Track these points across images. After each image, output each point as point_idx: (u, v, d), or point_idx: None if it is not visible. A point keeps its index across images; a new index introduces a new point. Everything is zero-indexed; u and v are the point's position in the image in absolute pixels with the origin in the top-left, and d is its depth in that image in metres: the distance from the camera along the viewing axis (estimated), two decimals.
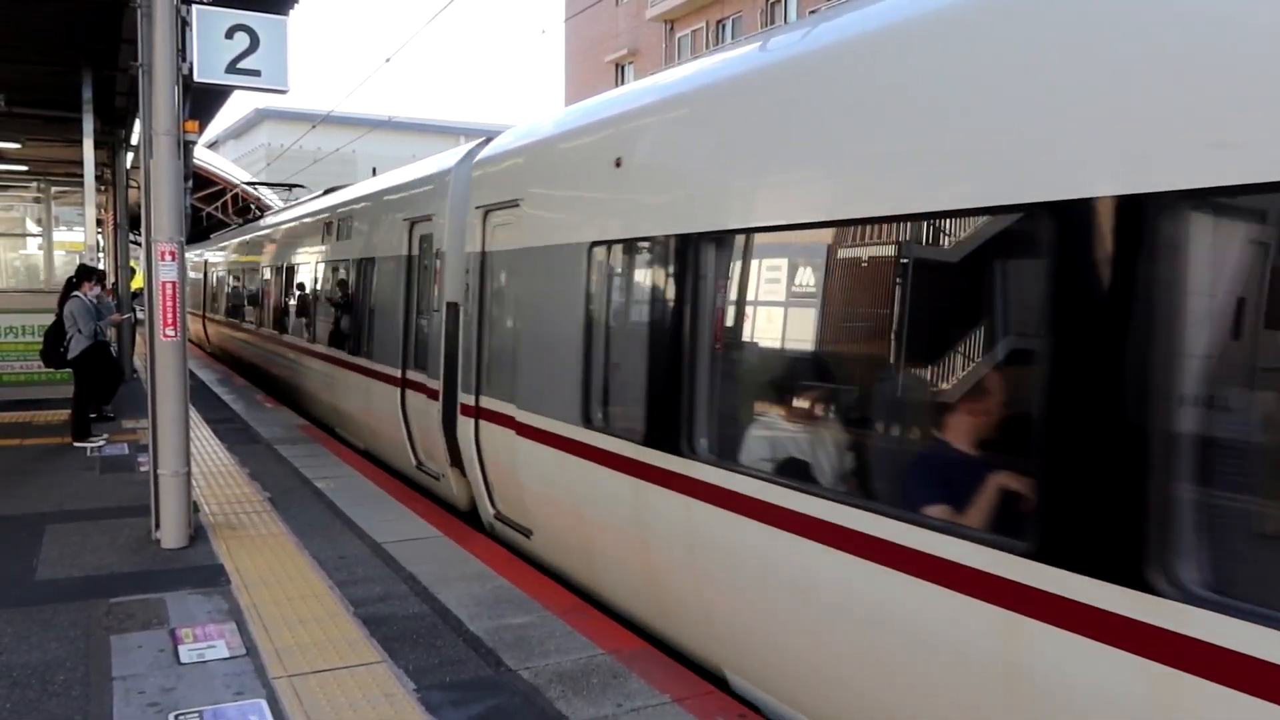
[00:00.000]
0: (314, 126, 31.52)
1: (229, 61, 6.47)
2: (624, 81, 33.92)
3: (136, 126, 12.63)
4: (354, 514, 7.40)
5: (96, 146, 13.46)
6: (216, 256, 22.67)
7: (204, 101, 12.25)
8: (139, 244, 16.14)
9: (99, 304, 11.16)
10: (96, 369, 10.74)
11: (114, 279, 15.70)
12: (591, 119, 5.98)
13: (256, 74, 6.54)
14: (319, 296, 12.38)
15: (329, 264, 11.98)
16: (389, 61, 32.06)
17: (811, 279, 4.29)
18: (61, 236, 26.85)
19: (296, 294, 13.65)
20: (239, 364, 18.39)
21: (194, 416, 10.46)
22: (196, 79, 6.45)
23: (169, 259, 6.34)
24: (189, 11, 6.40)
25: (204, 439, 10.46)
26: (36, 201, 23.34)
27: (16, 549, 6.40)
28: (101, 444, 9.72)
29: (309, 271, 13.07)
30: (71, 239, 27.60)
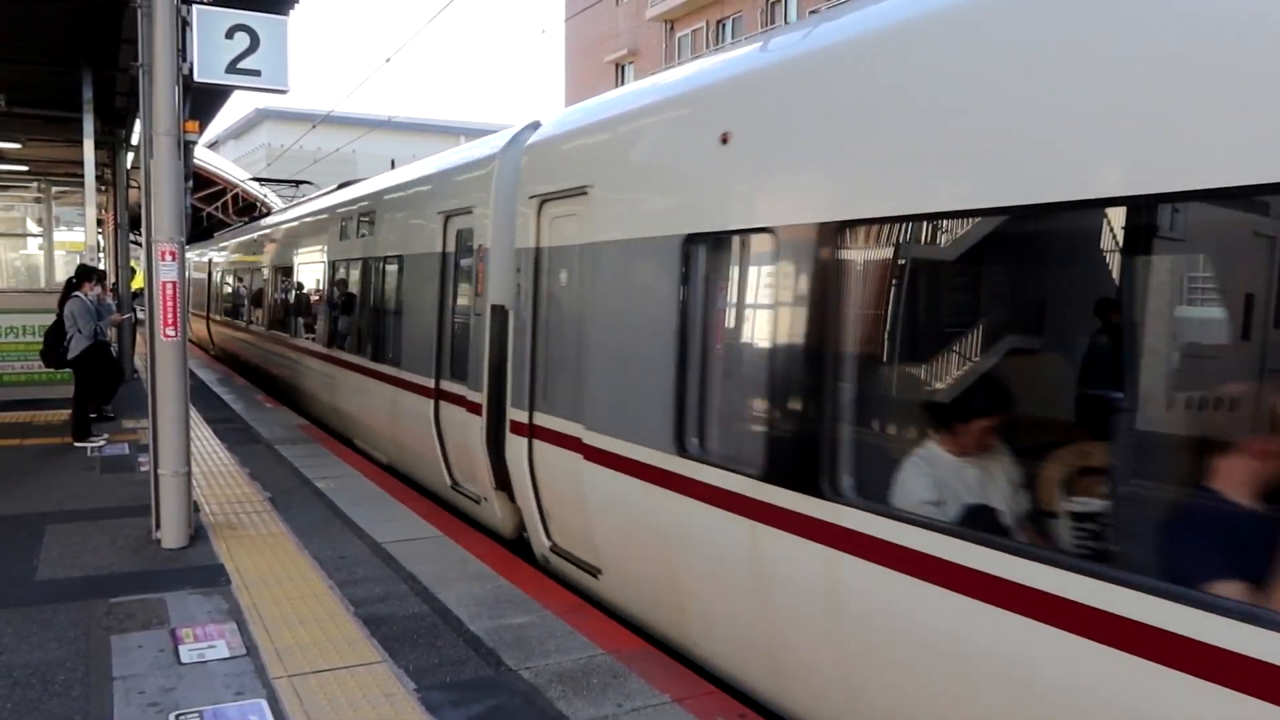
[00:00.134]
0: (314, 126, 31.51)
1: (229, 61, 6.48)
2: (624, 81, 33.93)
3: (137, 126, 12.64)
4: (354, 514, 7.41)
5: (97, 146, 13.45)
6: (223, 256, 21.72)
7: (204, 101, 12.24)
8: (139, 244, 16.13)
9: (99, 305, 11.16)
10: (97, 369, 10.74)
11: (114, 279, 15.71)
12: (687, 88, 5.11)
13: (256, 74, 6.54)
14: (335, 298, 11.55)
15: (346, 263, 11.14)
16: (389, 61, 32.08)
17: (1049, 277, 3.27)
18: (62, 236, 26.87)
19: (309, 295, 12.99)
20: (247, 368, 17.79)
21: (194, 416, 10.45)
22: (197, 79, 6.46)
23: (169, 259, 6.34)
24: (189, 11, 6.41)
25: (204, 439, 10.46)
26: (37, 201, 23.35)
27: (17, 549, 6.40)
28: (102, 444, 9.73)
29: (324, 272, 12.24)
30: (72, 239, 27.64)
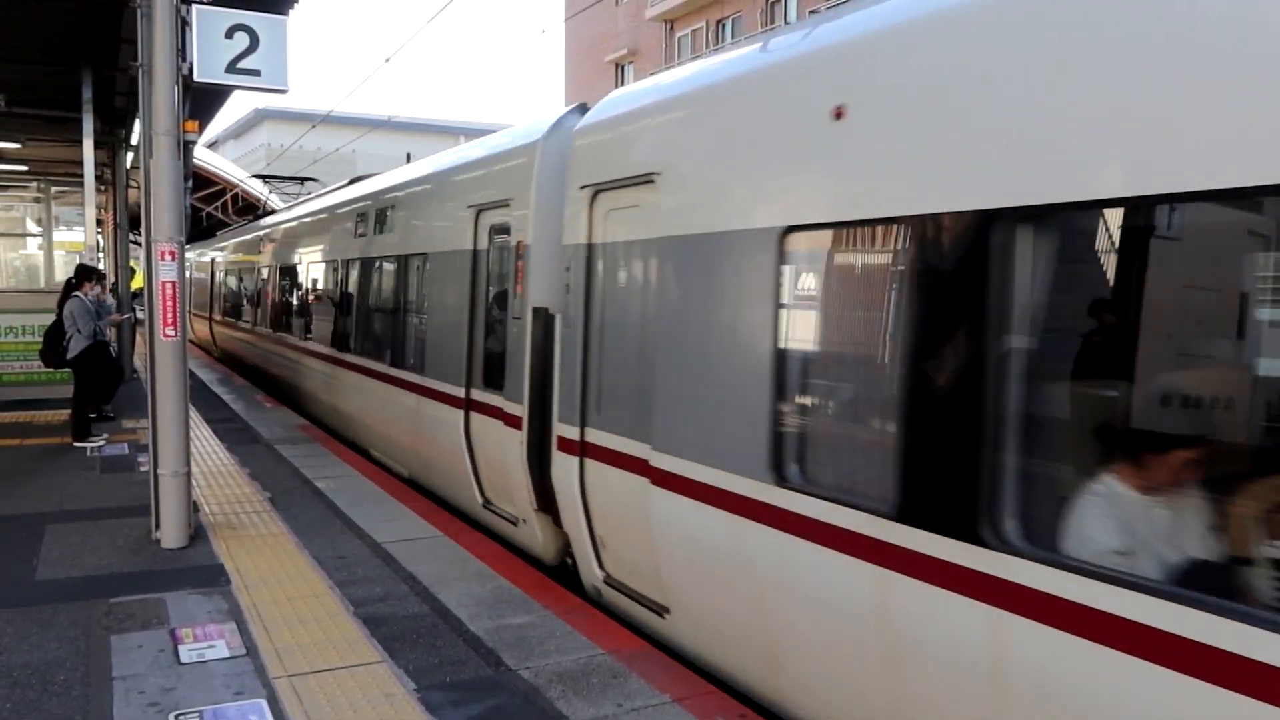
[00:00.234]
0: (314, 126, 31.48)
1: (229, 61, 6.48)
2: (624, 82, 33.90)
3: (136, 126, 12.62)
4: (354, 514, 7.41)
5: (96, 146, 13.46)
6: (227, 255, 20.95)
7: (204, 101, 12.25)
8: (139, 244, 16.12)
9: (99, 305, 11.16)
10: (96, 369, 10.74)
11: (114, 279, 15.71)
12: (786, 55, 4.39)
13: (256, 74, 6.54)
14: (348, 299, 10.94)
15: (362, 262, 10.51)
16: (389, 61, 32.11)
17: None
18: (61, 236, 26.91)
19: (320, 296, 12.38)
20: (252, 371, 17.23)
21: (194, 416, 10.45)
22: (196, 79, 6.46)
23: (169, 259, 6.34)
24: (189, 11, 6.41)
25: (204, 439, 10.46)
26: (36, 201, 23.36)
27: (16, 549, 6.40)
28: (101, 444, 9.73)
29: (336, 271, 11.60)
30: (71, 239, 27.67)
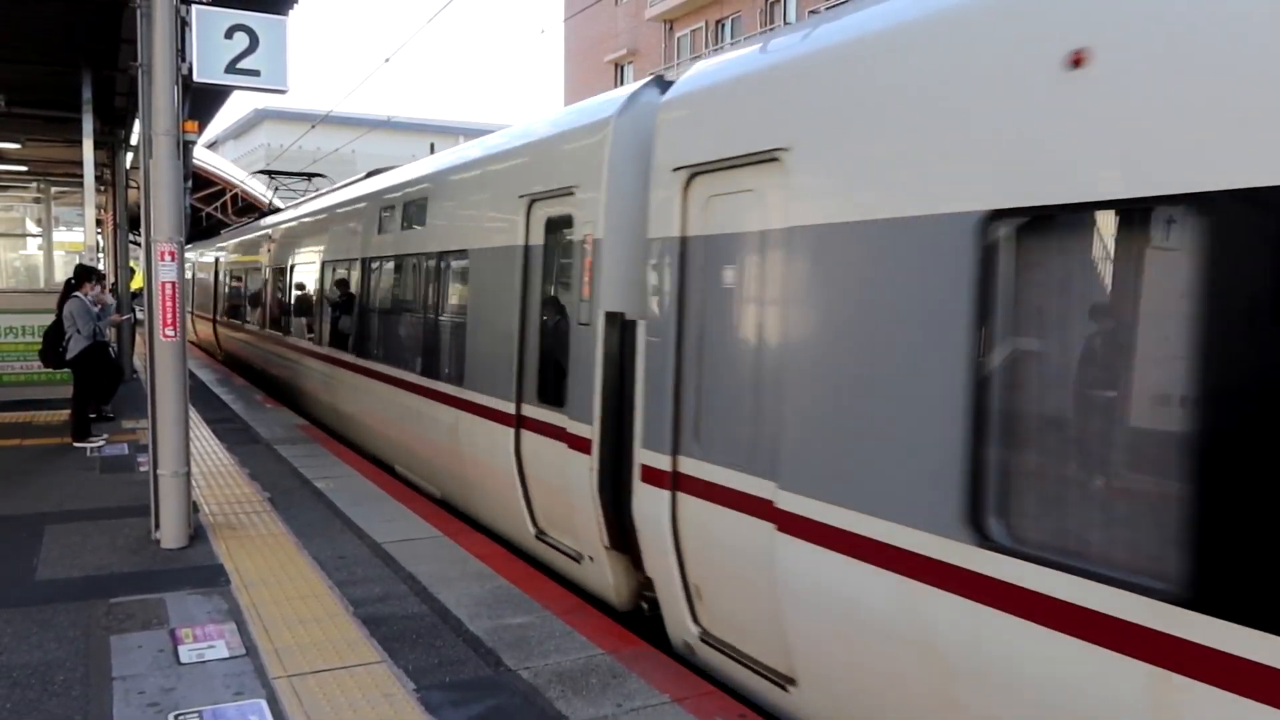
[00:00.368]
0: (313, 127, 31.55)
1: (228, 61, 6.48)
2: (623, 82, 33.90)
3: (136, 127, 12.63)
4: (354, 514, 7.41)
5: (96, 147, 13.46)
6: (234, 255, 19.80)
7: (203, 102, 12.25)
8: (139, 244, 16.07)
9: (103, 310, 11.17)
10: (96, 369, 10.74)
11: (114, 279, 15.71)
12: None
13: (256, 74, 6.55)
14: (369, 301, 10.13)
15: (385, 260, 9.76)
16: (388, 61, 32.12)
17: None
18: (61, 237, 26.94)
19: (337, 297, 11.48)
20: (261, 376, 16.49)
21: (194, 417, 10.46)
22: (196, 79, 6.46)
23: (168, 259, 6.35)
24: (188, 11, 6.41)
25: (204, 439, 10.47)
26: (36, 202, 23.38)
27: (16, 549, 6.40)
28: (101, 444, 9.73)
29: (355, 270, 10.78)
30: (71, 239, 27.70)
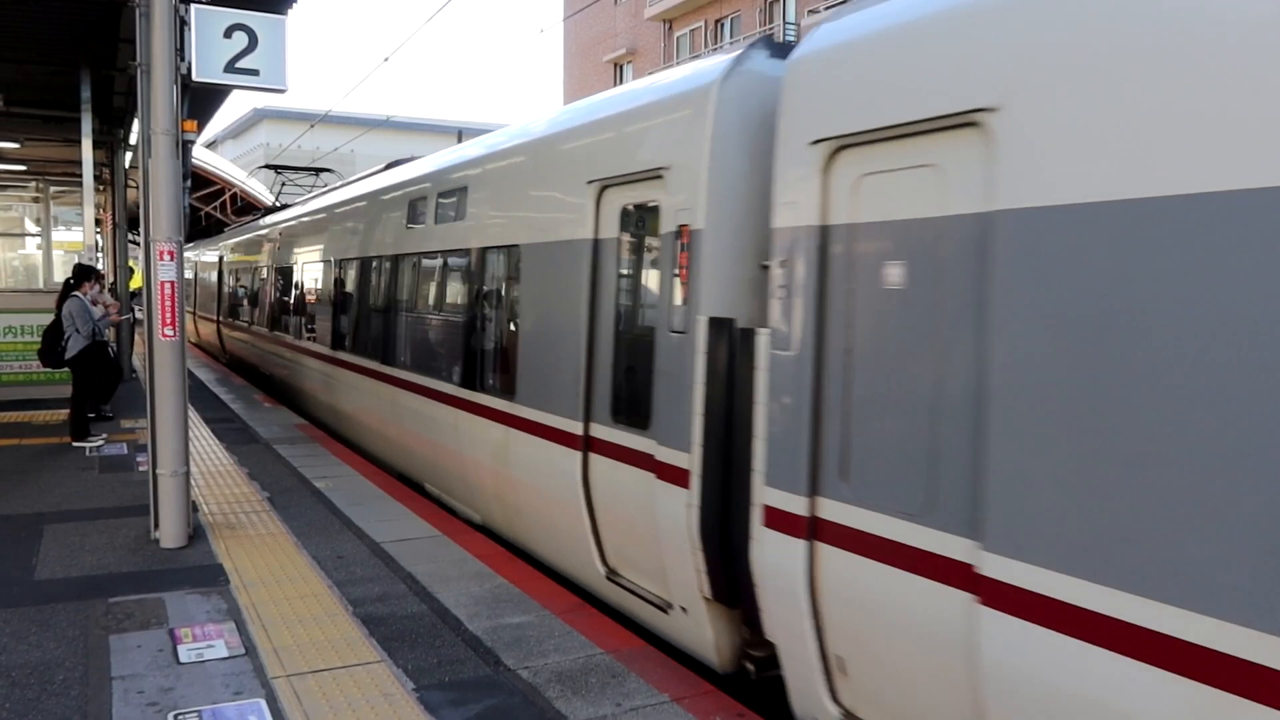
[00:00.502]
0: (312, 126, 31.60)
1: (227, 61, 6.48)
2: (623, 81, 33.88)
3: (135, 126, 12.64)
4: (353, 514, 7.41)
5: (95, 146, 13.45)
6: (240, 254, 18.77)
7: (202, 101, 12.26)
8: (138, 244, 16.01)
9: (104, 312, 11.17)
10: (95, 369, 10.74)
11: (113, 279, 15.70)
12: None
13: (255, 73, 6.55)
14: (393, 302, 9.33)
15: (412, 258, 8.92)
16: (387, 61, 32.10)
17: None
18: (60, 236, 26.93)
19: (353, 297, 10.68)
20: (268, 380, 15.86)
21: (193, 416, 10.46)
22: (195, 78, 6.46)
23: (168, 259, 6.34)
24: (187, 11, 6.41)
25: (203, 439, 10.46)
26: (35, 201, 23.39)
27: (15, 549, 6.40)
28: (100, 444, 9.72)
29: (376, 269, 9.96)
30: (70, 239, 27.69)
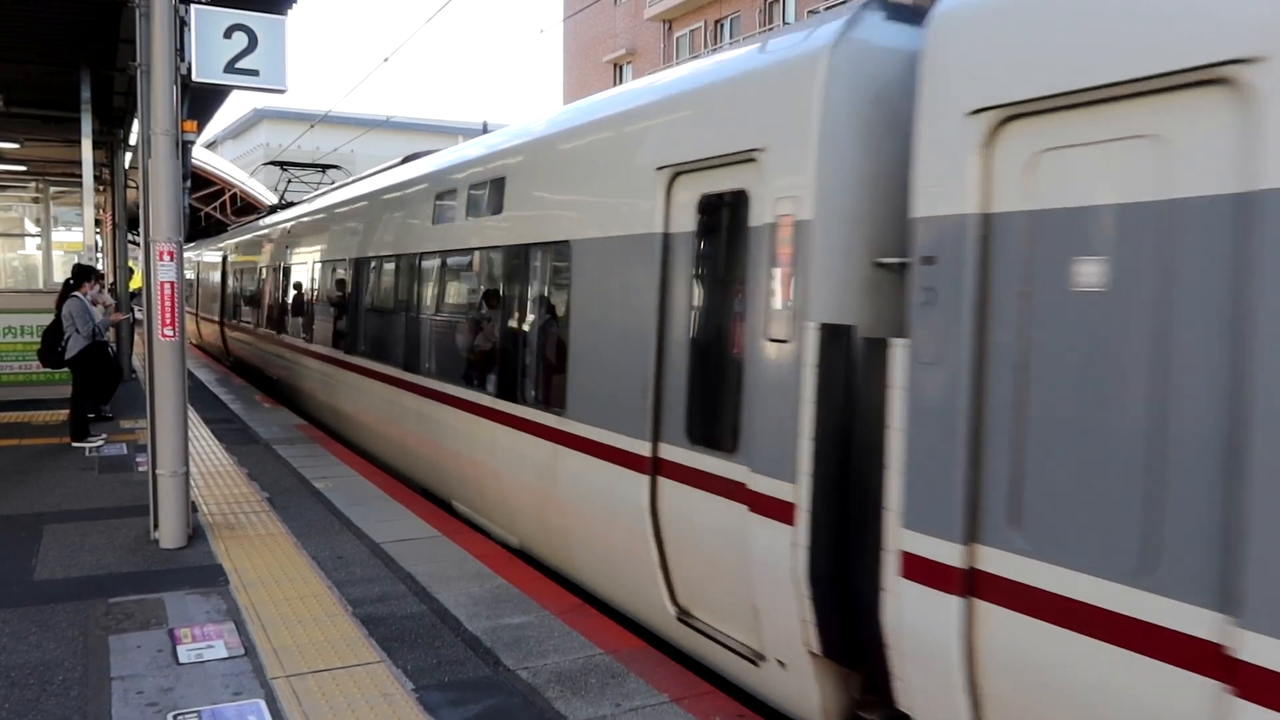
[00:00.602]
0: (312, 126, 31.60)
1: (227, 61, 6.48)
2: (622, 82, 33.88)
3: (135, 126, 12.63)
4: (352, 514, 7.41)
5: (95, 146, 13.45)
6: (246, 253, 18.09)
7: (202, 101, 12.25)
8: (137, 244, 15.99)
9: (105, 313, 11.17)
10: (94, 369, 10.73)
11: (113, 279, 15.69)
12: None
13: (255, 74, 6.55)
14: (416, 304, 8.70)
15: (438, 256, 8.27)
16: (387, 61, 32.09)
17: None
18: (60, 236, 26.94)
19: (370, 298, 10.13)
20: (273, 383, 15.32)
21: (193, 417, 10.46)
22: (195, 79, 6.46)
23: (167, 259, 6.34)
24: (187, 11, 6.41)
25: (203, 439, 10.46)
26: (35, 201, 23.39)
27: (15, 549, 6.40)
28: (100, 444, 9.72)
29: (394, 268, 9.39)
30: (70, 239, 27.70)
